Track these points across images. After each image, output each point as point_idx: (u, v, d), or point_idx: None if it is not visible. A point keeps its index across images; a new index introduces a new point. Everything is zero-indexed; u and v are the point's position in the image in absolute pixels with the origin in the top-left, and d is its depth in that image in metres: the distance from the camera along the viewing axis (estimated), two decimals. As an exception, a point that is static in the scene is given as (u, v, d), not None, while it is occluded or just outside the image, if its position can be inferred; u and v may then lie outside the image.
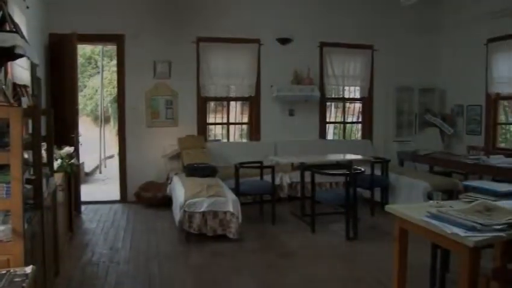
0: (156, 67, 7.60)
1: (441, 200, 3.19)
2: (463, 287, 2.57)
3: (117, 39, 7.47)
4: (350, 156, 7.01)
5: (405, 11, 8.18)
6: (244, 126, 8.54)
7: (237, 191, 6.00)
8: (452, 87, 9.08)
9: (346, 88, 8.85)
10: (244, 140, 8.46)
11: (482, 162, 6.50)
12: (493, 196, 3.31)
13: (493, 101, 8.25)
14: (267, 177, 6.39)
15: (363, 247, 5.23)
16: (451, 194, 5.88)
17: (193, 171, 6.48)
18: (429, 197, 4.50)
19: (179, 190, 5.77)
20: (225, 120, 8.39)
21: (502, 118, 8.33)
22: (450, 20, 8.97)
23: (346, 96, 8.93)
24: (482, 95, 8.32)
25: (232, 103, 8.40)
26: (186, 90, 7.76)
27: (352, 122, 9.18)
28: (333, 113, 9.03)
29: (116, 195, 7.66)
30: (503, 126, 8.38)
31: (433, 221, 2.73)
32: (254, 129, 8.25)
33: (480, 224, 2.55)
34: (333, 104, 9.00)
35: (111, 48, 9.35)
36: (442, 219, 2.71)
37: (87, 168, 10.82)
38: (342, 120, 9.04)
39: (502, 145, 8.33)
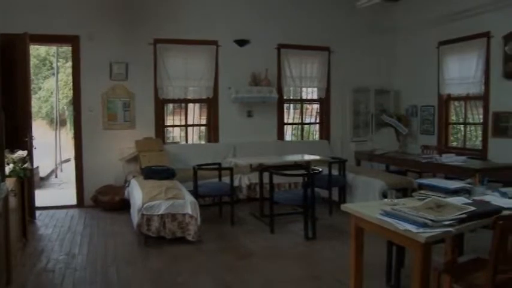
0: (112, 69, 7.47)
1: (395, 198, 3.29)
2: (416, 281, 2.66)
3: (72, 40, 7.29)
4: (308, 157, 7.11)
5: (361, 13, 8.38)
6: (203, 128, 8.51)
7: (195, 193, 5.99)
8: (407, 88, 9.35)
9: (304, 89, 8.97)
10: (203, 142, 8.43)
11: (435, 160, 6.71)
12: (444, 193, 3.44)
13: (445, 102, 8.53)
14: (226, 179, 6.41)
15: (322, 246, 5.31)
16: (405, 192, 6.06)
17: (151, 173, 6.42)
18: (384, 195, 4.62)
19: (137, 193, 5.71)
20: (183, 122, 8.33)
21: (453, 118, 8.63)
22: (404, 22, 9.23)
23: (304, 97, 9.04)
24: (435, 96, 8.60)
25: (191, 105, 8.35)
26: (143, 92, 7.67)
27: (310, 123, 9.30)
28: (291, 114, 9.12)
29: (72, 199, 7.49)
30: (455, 125, 8.67)
31: (387, 219, 2.82)
32: (212, 131, 8.25)
33: (431, 220, 2.65)
34: (291, 105, 9.09)
35: (67, 49, 9.14)
36: (396, 217, 2.80)
37: (42, 172, 10.54)
38: (300, 121, 9.14)
39: (454, 144, 8.62)
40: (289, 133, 9.15)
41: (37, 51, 15.35)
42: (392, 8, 9.36)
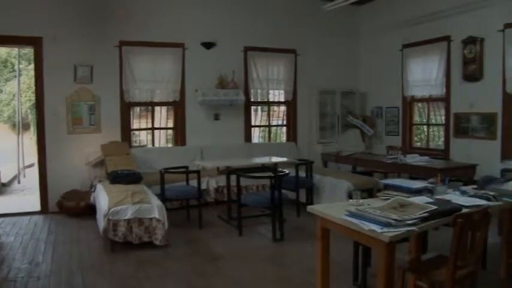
0: (76, 71, 7.33)
1: (360, 199, 3.35)
2: (380, 280, 2.71)
3: (34, 42, 7.11)
4: (275, 159, 7.14)
5: (327, 16, 8.49)
6: (170, 131, 8.45)
7: (162, 196, 5.95)
8: (372, 90, 9.52)
9: (271, 92, 9.01)
10: (170, 145, 8.37)
11: (400, 161, 6.85)
12: (408, 193, 3.52)
13: (409, 103, 8.72)
14: (193, 182, 6.38)
15: (290, 248, 5.36)
16: (371, 193, 6.15)
17: (117, 178, 6.34)
18: (349, 196, 4.69)
19: (103, 198, 5.63)
20: (150, 126, 8.24)
21: (417, 119, 8.82)
22: (369, 25, 9.42)
23: (271, 99, 9.08)
24: (399, 98, 8.79)
25: (158, 108, 8.26)
26: (109, 95, 7.56)
27: (277, 125, 9.35)
28: (258, 117, 9.15)
29: (36, 206, 7.31)
30: (418, 126, 8.87)
31: (352, 219, 2.86)
32: (179, 134, 8.20)
33: (394, 220, 2.71)
34: (259, 107, 9.11)
35: (30, 50, 8.91)
36: (360, 217, 2.85)
37: (4, 178, 10.26)
38: (267, 124, 9.18)
39: (418, 144, 8.82)
40: (256, 135, 9.17)
41: (-2, 52, 14.98)
42: (357, 12, 9.53)
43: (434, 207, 2.91)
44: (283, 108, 9.31)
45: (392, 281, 2.73)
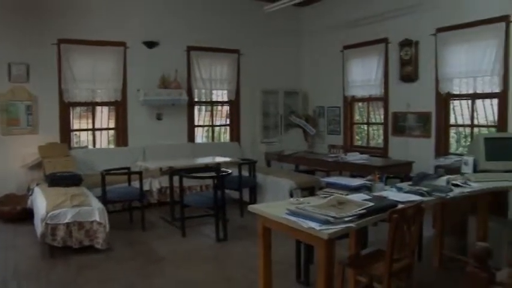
0: (11, 70, 7.04)
1: (301, 197, 3.40)
2: (320, 276, 2.77)
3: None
4: (219, 159, 7.14)
5: (269, 17, 8.56)
6: (112, 132, 8.26)
7: (104, 199, 5.81)
8: (314, 90, 9.71)
9: (214, 91, 9.00)
10: (112, 146, 8.19)
11: (341, 159, 7.02)
12: (346, 190, 3.61)
13: (349, 103, 8.96)
14: (136, 183, 6.27)
15: (233, 247, 5.37)
16: (313, 191, 6.25)
17: (56, 180, 6.14)
18: (290, 194, 4.77)
19: (40, 201, 5.43)
20: (91, 126, 8.03)
21: (357, 118, 9.08)
22: (311, 26, 9.60)
23: (215, 99, 9.07)
24: (340, 97, 9.01)
25: (99, 108, 8.05)
26: (47, 94, 7.31)
27: (221, 125, 9.35)
28: (202, 116, 9.11)
29: (-32, 211, 6.95)
30: (359, 125, 9.12)
31: (292, 218, 2.90)
32: (121, 135, 8.05)
33: (333, 217, 2.77)
34: (202, 107, 9.07)
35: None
36: (300, 215, 2.89)
37: None
38: (211, 124, 9.16)
39: (359, 143, 9.08)
40: (201, 135, 9.12)
41: None
42: (299, 13, 9.68)
43: (371, 204, 3.00)
44: (226, 108, 9.32)
45: (332, 277, 2.79)
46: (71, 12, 7.40)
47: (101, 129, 8.15)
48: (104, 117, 8.13)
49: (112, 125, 8.18)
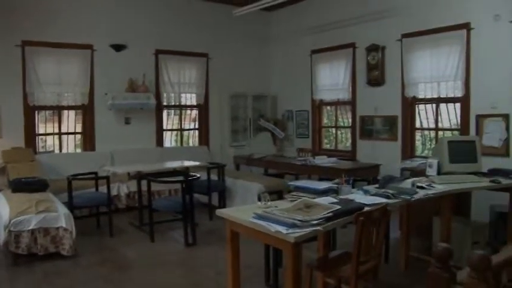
0: (-29, 72, 6.87)
1: (268, 201, 3.41)
2: (288, 279, 2.79)
3: None
4: (187, 163, 7.11)
5: (237, 21, 8.59)
6: (79, 136, 8.11)
7: (70, 204, 5.70)
8: (283, 93, 9.78)
9: (183, 95, 8.96)
10: (79, 151, 8.05)
11: (309, 162, 7.07)
12: (314, 194, 3.64)
13: (318, 107, 9.05)
14: (104, 188, 6.18)
15: (202, 252, 5.35)
16: (281, 194, 6.28)
17: (20, 186, 5.99)
18: (258, 198, 4.79)
19: (3, 208, 5.28)
20: (57, 130, 7.87)
21: (326, 122, 9.17)
22: (279, 31, 9.67)
23: (183, 103, 9.03)
24: (309, 101, 9.09)
25: (65, 112, 7.89)
26: (10, 98, 7.14)
27: (189, 129, 9.30)
28: (171, 120, 9.05)
29: None
30: (328, 129, 9.22)
31: (259, 222, 2.91)
32: (88, 139, 7.93)
33: (300, 220, 2.79)
34: (172, 111, 9.02)
35: None
36: (267, 219, 2.90)
37: None
38: (179, 127, 9.11)
39: (327, 146, 9.17)
40: (170, 139, 9.06)
41: None
42: (268, 17, 9.74)
43: (338, 207, 3.04)
44: (195, 111, 9.28)
45: (300, 280, 2.81)
46: (36, 13, 7.24)
47: (67, 134, 8.00)
48: (71, 121, 7.98)
49: (79, 129, 8.05)
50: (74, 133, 8.07)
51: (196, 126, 9.29)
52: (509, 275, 2.01)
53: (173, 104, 8.82)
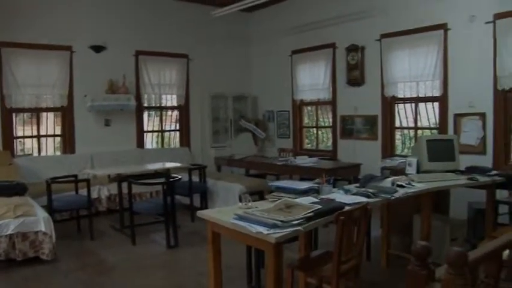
0: None
1: (249, 202, 3.41)
2: (269, 280, 2.79)
3: None
4: (168, 165, 7.07)
5: (217, 22, 8.59)
6: (59, 139, 8.01)
7: (50, 208, 5.63)
8: (264, 94, 9.79)
9: (164, 96, 8.91)
10: (59, 153, 7.95)
11: (290, 163, 7.09)
12: (294, 194, 3.65)
13: (299, 107, 9.08)
14: (84, 191, 6.11)
15: (184, 253, 5.33)
16: (262, 195, 6.29)
17: (-3, 190, 5.90)
18: (239, 199, 4.79)
19: (-19, 213, 5.20)
20: (36, 133, 7.76)
21: (307, 122, 9.22)
22: (259, 31, 9.68)
23: (164, 104, 8.98)
24: (289, 101, 9.13)
25: (44, 114, 7.79)
26: (-13, 101, 7.04)
27: (170, 130, 9.26)
28: (151, 122, 8.99)
29: None
30: (308, 129, 9.26)
31: (240, 222, 2.91)
32: (68, 142, 7.84)
33: (280, 221, 2.79)
34: (153, 112, 8.97)
35: None
36: (248, 220, 2.90)
37: None
38: (160, 129, 9.07)
39: (309, 146, 9.21)
40: (151, 141, 9.01)
41: None
42: (247, 18, 9.75)
43: (319, 206, 3.06)
44: (176, 113, 9.25)
45: (281, 280, 2.82)
46: (13, 14, 7.14)
47: (46, 136, 7.90)
48: (50, 123, 7.90)
49: (58, 131, 7.95)
50: (53, 135, 7.98)
51: (177, 128, 9.25)
52: (486, 271, 2.05)
53: (154, 105, 8.77)
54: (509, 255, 2.17)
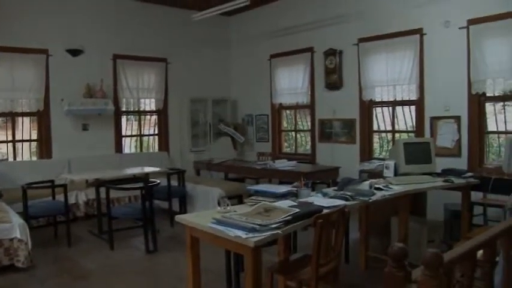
0: None
1: (228, 206, 3.41)
2: (248, 284, 2.79)
3: None
4: (147, 169, 7.03)
5: (196, 26, 8.57)
6: (35, 143, 7.89)
7: (25, 214, 5.53)
8: (243, 98, 9.81)
9: (142, 100, 8.85)
10: (35, 158, 7.83)
11: (269, 166, 7.09)
12: (273, 197, 3.66)
13: (277, 111, 9.12)
14: (61, 197, 6.03)
15: (163, 258, 5.29)
16: (241, 199, 6.30)
17: (-29, 196, 5.79)
18: (218, 203, 4.78)
19: (-46, 220, 5.09)
20: (11, 138, 7.62)
21: (285, 125, 9.25)
22: (239, 35, 9.71)
23: (142, 108, 8.92)
24: (268, 105, 9.16)
25: (20, 118, 7.66)
26: (-41, 105, 6.90)
27: (149, 135, 9.20)
28: (130, 126, 8.92)
29: None
30: (287, 132, 9.29)
31: (218, 227, 2.90)
32: (44, 146, 7.72)
33: (259, 224, 2.80)
34: (131, 116, 8.90)
35: None
36: (226, 224, 2.90)
37: None
38: (139, 133, 9.00)
39: (288, 150, 9.24)
40: (130, 145, 8.93)
41: None
42: (227, 22, 9.77)
43: (297, 210, 3.07)
44: (155, 117, 9.19)
45: (261, 284, 2.82)
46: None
47: (22, 141, 7.76)
48: (26, 128, 7.76)
49: (34, 136, 7.83)
50: (29, 140, 7.84)
51: (156, 132, 9.20)
52: (462, 270, 2.09)
53: (132, 109, 8.71)
54: (483, 255, 2.21)
